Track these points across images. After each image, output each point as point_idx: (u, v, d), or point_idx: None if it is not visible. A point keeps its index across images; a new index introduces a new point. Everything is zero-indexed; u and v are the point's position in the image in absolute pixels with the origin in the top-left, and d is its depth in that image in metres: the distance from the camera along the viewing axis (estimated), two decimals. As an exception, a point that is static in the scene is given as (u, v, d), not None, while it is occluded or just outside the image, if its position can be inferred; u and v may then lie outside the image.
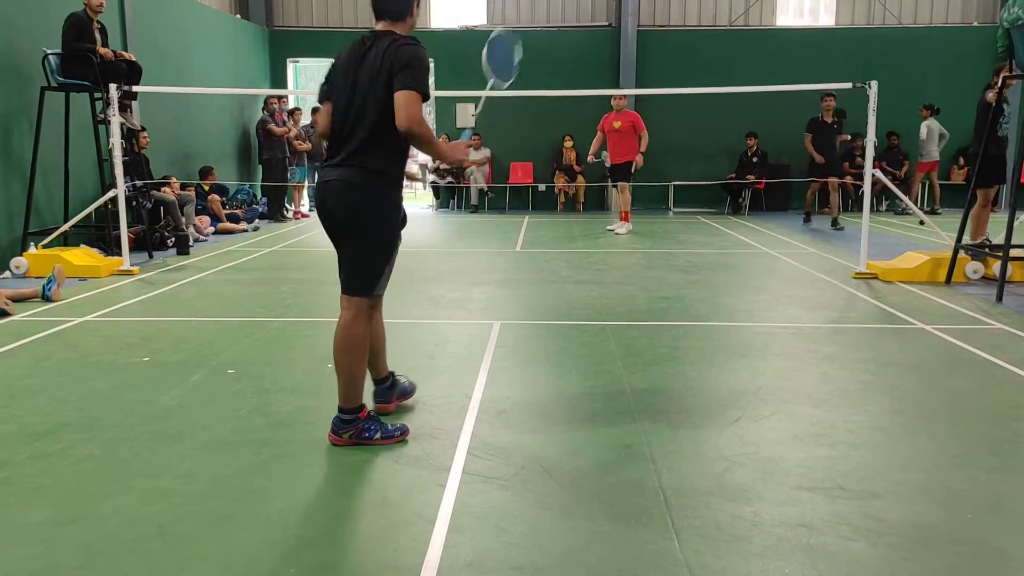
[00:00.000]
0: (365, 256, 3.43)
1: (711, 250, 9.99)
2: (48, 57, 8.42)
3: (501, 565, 2.52)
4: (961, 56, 15.35)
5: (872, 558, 2.56)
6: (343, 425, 3.46)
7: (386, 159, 3.39)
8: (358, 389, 3.48)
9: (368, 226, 3.39)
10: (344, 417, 3.47)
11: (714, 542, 2.65)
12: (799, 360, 4.89)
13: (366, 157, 3.35)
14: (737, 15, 16.04)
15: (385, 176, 3.41)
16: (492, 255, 9.57)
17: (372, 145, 3.34)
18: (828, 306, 6.56)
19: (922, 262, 7.66)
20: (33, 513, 2.88)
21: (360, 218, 3.37)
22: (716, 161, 15.62)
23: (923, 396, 4.26)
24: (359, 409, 3.48)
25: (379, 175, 3.38)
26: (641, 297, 6.89)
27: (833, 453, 3.41)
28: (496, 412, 3.94)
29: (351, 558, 2.58)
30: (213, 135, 13.40)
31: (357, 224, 3.38)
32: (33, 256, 8.00)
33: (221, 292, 7.27)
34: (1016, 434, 3.69)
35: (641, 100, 15.72)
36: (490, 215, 15.10)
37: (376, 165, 3.37)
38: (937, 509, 2.91)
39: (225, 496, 3.04)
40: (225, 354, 5.03)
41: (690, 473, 3.22)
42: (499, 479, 3.15)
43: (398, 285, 3.34)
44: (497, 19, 16.28)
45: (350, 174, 3.36)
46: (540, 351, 5.18)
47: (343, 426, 3.46)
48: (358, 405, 3.48)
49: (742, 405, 4.04)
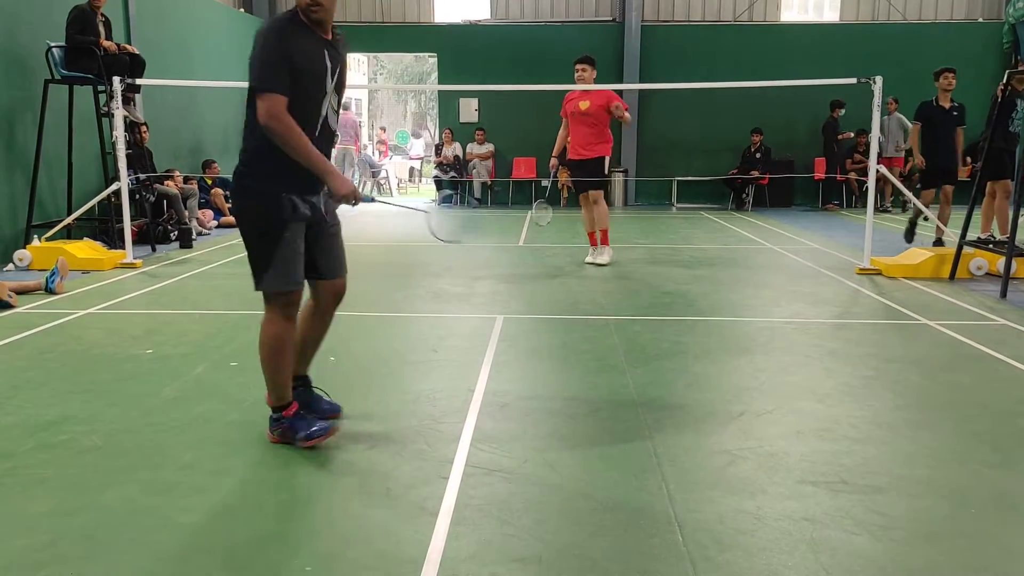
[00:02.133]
0: (247, 249, 3.36)
1: (714, 245, 9.98)
2: (52, 50, 8.41)
3: (504, 558, 2.52)
4: (966, 52, 15.27)
5: (875, 552, 2.55)
6: (272, 423, 3.44)
7: (254, 148, 3.22)
8: (279, 387, 3.40)
9: (241, 217, 3.34)
10: (271, 416, 3.44)
11: (717, 536, 2.65)
12: (802, 355, 4.89)
13: (243, 147, 3.29)
14: (741, 10, 16.00)
15: (254, 166, 3.25)
16: (495, 249, 9.56)
17: (247, 134, 3.26)
18: (832, 302, 6.54)
19: (926, 258, 7.64)
20: (36, 504, 2.89)
21: (237, 210, 3.36)
22: (720, 157, 15.60)
23: (927, 392, 4.25)
24: (285, 407, 3.41)
25: (249, 165, 3.27)
26: (644, 292, 6.88)
27: (836, 448, 3.40)
28: (499, 405, 3.94)
29: (354, 550, 2.58)
30: (216, 129, 13.40)
31: (236, 215, 3.37)
32: (36, 249, 8.01)
33: (224, 285, 7.27)
34: (1020, 430, 3.68)
35: (645, 95, 15.70)
36: (493, 209, 15.08)
37: (247, 156, 3.27)
38: (941, 504, 2.91)
39: (228, 488, 3.04)
40: (228, 347, 5.04)
41: (693, 467, 3.21)
42: (502, 472, 3.15)
43: (401, 279, 3.33)
44: (501, 13, 16.24)
45: (236, 165, 3.33)
46: (543, 345, 5.18)
47: (272, 424, 3.44)
48: (284, 403, 3.41)
49: (745, 400, 4.03)
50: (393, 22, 16.30)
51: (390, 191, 19.67)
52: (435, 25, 16.29)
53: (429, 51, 17.00)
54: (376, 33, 16.28)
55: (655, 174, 15.79)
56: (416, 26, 16.34)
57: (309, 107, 3.21)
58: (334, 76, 3.30)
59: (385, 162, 20.49)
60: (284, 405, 3.41)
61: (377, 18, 16.29)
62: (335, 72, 3.30)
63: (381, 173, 19.80)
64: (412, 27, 16.34)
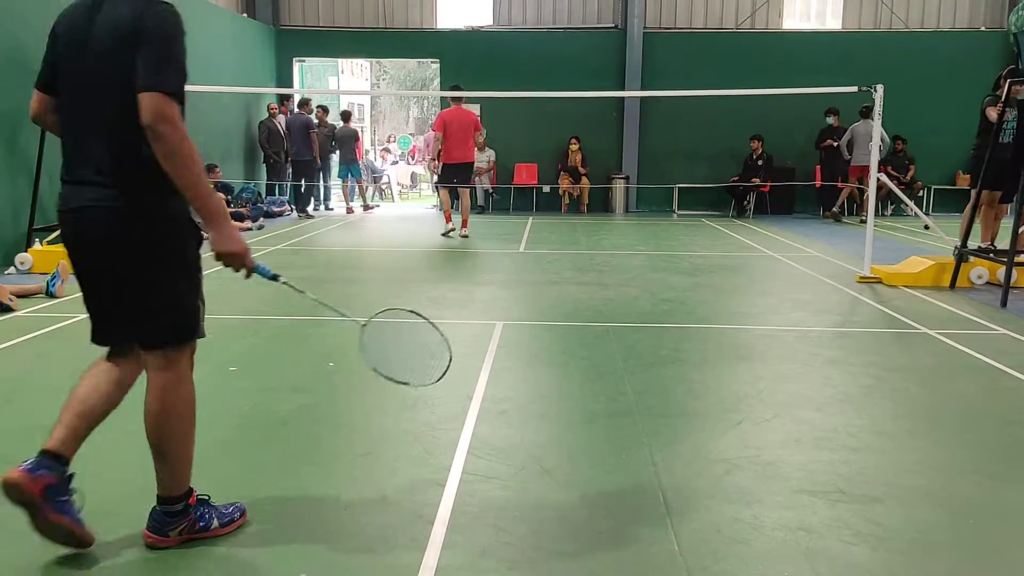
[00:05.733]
0: (168, 290, 2.55)
1: (715, 253, 9.98)
2: (54, 54, 8.43)
3: (500, 565, 2.51)
4: (968, 61, 15.29)
5: (872, 563, 2.54)
6: (169, 520, 2.59)
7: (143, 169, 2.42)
8: (185, 470, 2.63)
9: (157, 254, 2.50)
10: (171, 509, 2.59)
11: (713, 545, 2.64)
12: (801, 364, 4.88)
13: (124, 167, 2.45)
14: (744, 18, 16.02)
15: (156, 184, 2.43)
16: (496, 256, 9.56)
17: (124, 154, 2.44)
18: (831, 310, 6.54)
19: (926, 267, 7.63)
20: (33, 508, 2.87)
21: (141, 247, 2.47)
22: (721, 164, 15.61)
23: (926, 401, 4.25)
24: (187, 495, 2.64)
25: (148, 185, 2.44)
26: (644, 299, 6.88)
27: (834, 457, 3.40)
28: (497, 412, 3.93)
29: (350, 557, 2.57)
30: (218, 133, 13.43)
31: (140, 256, 2.48)
32: (38, 252, 8.01)
33: (223, 290, 7.26)
34: (1019, 439, 3.67)
35: (646, 102, 15.72)
36: (494, 216, 15.09)
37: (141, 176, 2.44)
38: (939, 514, 2.90)
39: (225, 494, 3.03)
40: (227, 352, 5.04)
41: (690, 475, 3.21)
42: (499, 479, 3.15)
43: (400, 285, 3.31)
44: (503, 20, 16.28)
45: (107, 195, 2.44)
46: (542, 352, 5.18)
47: (169, 522, 2.59)
48: (185, 490, 2.63)
49: (743, 408, 4.03)
50: (396, 28, 16.33)
51: (392, 197, 19.70)
52: (438, 31, 16.32)
53: (432, 57, 17.03)
54: (379, 39, 16.32)
55: (656, 181, 15.80)
56: (419, 32, 16.38)
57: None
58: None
59: (387, 167, 20.53)
60: (187, 492, 2.65)
61: (380, 24, 16.33)
62: None
63: (383, 178, 19.84)
64: (415, 33, 16.38)
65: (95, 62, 2.44)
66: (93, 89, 2.46)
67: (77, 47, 2.49)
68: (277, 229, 12.28)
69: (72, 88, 2.54)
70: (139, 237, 2.47)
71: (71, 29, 2.52)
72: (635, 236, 11.84)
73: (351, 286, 7.58)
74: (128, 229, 2.46)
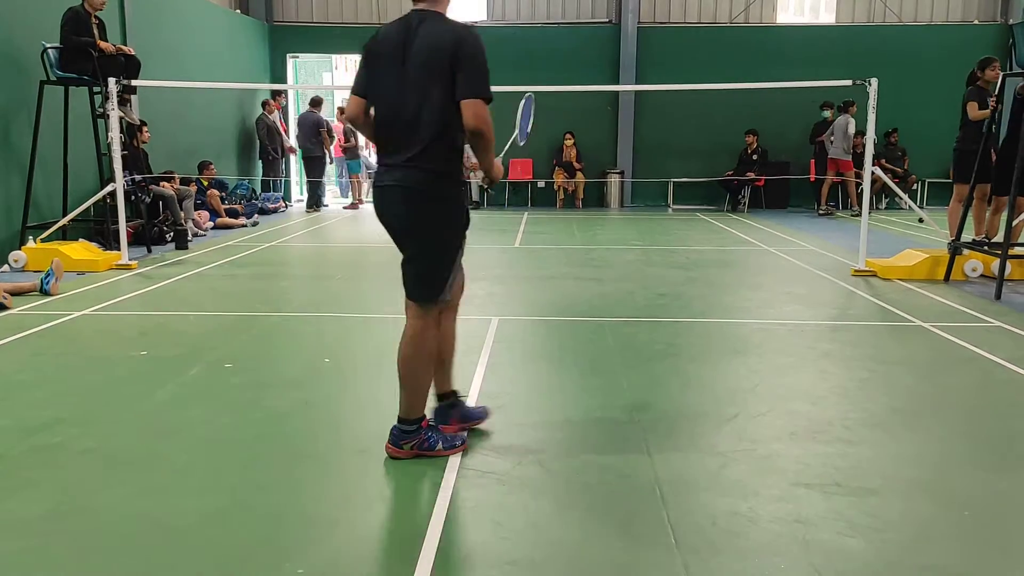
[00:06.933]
0: (432, 262, 3.24)
1: (710, 247, 9.99)
2: (47, 51, 8.40)
3: (497, 560, 2.52)
4: (962, 54, 15.25)
5: (868, 554, 2.55)
6: (404, 436, 3.26)
7: (445, 158, 3.13)
8: (422, 400, 3.30)
9: (434, 231, 3.20)
10: (405, 428, 3.27)
11: (709, 537, 2.65)
12: (797, 357, 4.89)
13: (426, 157, 3.10)
14: (737, 12, 16.02)
15: (447, 176, 3.17)
16: (491, 251, 9.56)
17: (432, 144, 3.09)
18: (827, 303, 6.55)
19: (921, 260, 7.65)
20: (29, 507, 2.88)
21: (425, 223, 3.18)
22: (716, 158, 15.60)
23: (921, 393, 4.26)
24: (421, 419, 3.30)
25: (441, 176, 3.15)
26: (640, 294, 6.88)
27: (830, 450, 3.41)
28: (493, 407, 3.93)
29: (347, 553, 2.57)
30: (212, 130, 13.39)
31: (422, 229, 3.19)
32: (32, 250, 7.99)
33: (219, 287, 7.27)
34: (1013, 431, 3.69)
35: (641, 97, 15.71)
36: (489, 211, 15.08)
37: (437, 166, 3.12)
38: (934, 506, 2.91)
39: (222, 491, 3.03)
40: (223, 348, 5.03)
41: (686, 469, 3.21)
42: (496, 474, 3.15)
43: (398, 280, 3.32)
44: (497, 15, 16.24)
45: (411, 177, 3.12)
46: (538, 347, 5.18)
47: (404, 437, 3.26)
48: (420, 416, 3.30)
49: (739, 402, 4.03)
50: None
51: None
52: (432, 26, 16.27)
53: (425, 52, 16.97)
54: (373, 34, 16.25)
55: (651, 176, 15.79)
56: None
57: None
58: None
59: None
60: (421, 417, 3.30)
61: (374, 19, 16.28)
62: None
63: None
64: (409, 28, 16.31)
65: (415, 71, 3.09)
66: (410, 93, 3.09)
67: (398, 60, 3.13)
68: (273, 224, 12.26)
69: (390, 91, 3.16)
70: (426, 213, 3.16)
71: (392, 46, 3.17)
72: (630, 231, 11.84)
73: (351, 283, 7.58)
74: (419, 205, 3.14)
